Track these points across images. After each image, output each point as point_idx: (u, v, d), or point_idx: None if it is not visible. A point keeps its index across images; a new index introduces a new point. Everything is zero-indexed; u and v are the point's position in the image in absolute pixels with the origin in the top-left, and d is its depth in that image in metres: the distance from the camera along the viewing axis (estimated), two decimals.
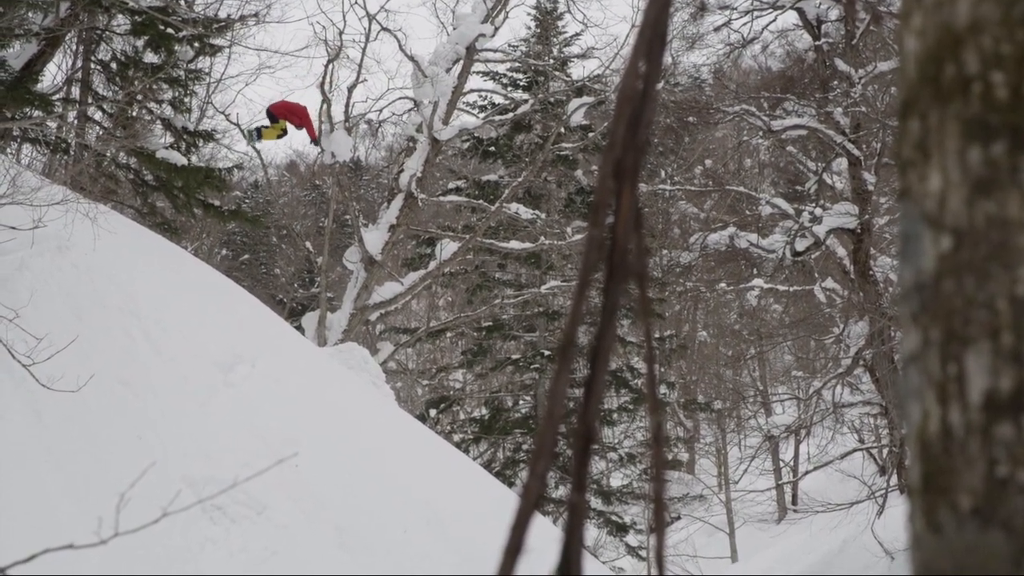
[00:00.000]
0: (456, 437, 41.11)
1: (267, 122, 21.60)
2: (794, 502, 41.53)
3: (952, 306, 1.24)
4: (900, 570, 25.77)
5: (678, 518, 47.00)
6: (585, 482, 1.45)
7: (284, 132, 20.15)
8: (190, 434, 16.70)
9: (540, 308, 41.67)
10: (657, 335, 42.47)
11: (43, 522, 13.64)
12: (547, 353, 41.23)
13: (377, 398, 22.69)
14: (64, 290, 17.39)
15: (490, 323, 42.72)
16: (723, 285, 34.18)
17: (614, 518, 41.73)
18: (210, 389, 17.74)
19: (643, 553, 43.09)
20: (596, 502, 41.13)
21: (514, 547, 1.41)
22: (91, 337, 16.89)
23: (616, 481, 45.06)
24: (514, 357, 42.80)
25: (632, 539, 42.93)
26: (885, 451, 33.55)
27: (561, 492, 39.01)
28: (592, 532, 40.51)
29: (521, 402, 42.87)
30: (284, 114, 20.27)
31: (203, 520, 15.70)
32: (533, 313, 41.89)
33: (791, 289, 32.80)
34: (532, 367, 41.81)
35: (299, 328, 31.66)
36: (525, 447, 41.03)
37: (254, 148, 20.99)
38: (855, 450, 34.61)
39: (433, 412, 41.87)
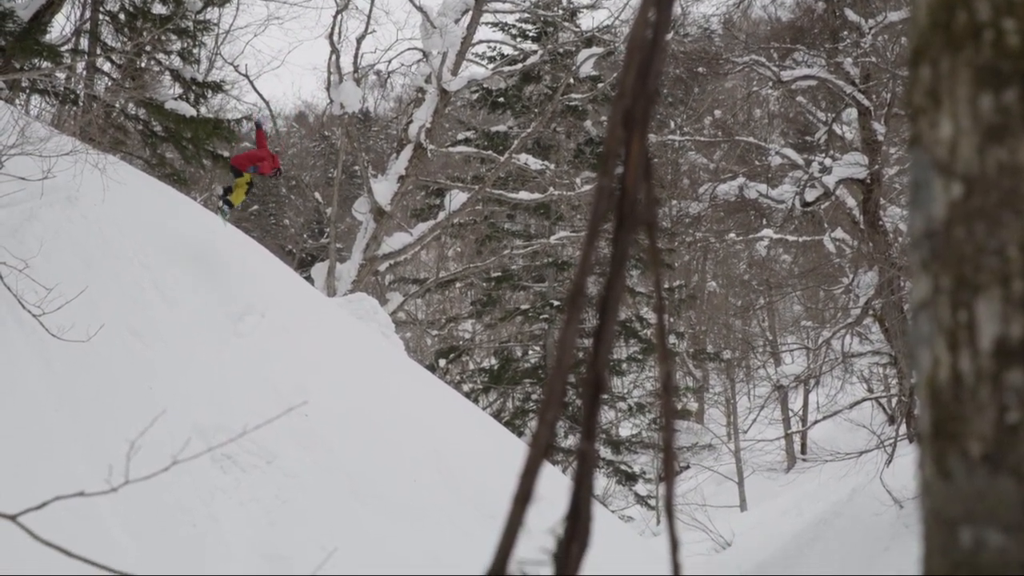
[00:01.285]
0: (466, 387, 41.19)
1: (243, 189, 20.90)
2: (803, 451, 41.67)
3: (962, 253, 1.24)
4: (908, 520, 25.82)
5: (687, 467, 47.14)
6: (595, 431, 1.45)
7: (251, 184, 19.54)
8: (200, 383, 16.74)
9: (549, 258, 41.65)
10: (666, 285, 42.43)
11: (54, 470, 13.69)
12: (556, 303, 41.24)
13: (387, 348, 22.73)
14: (74, 241, 17.40)
15: (499, 273, 42.73)
16: (732, 235, 34.12)
17: (623, 467, 41.85)
18: (220, 339, 17.78)
19: (652, 502, 43.24)
20: (605, 451, 41.23)
21: (524, 495, 1.41)
22: (101, 287, 16.91)
23: (625, 431, 45.12)
24: (523, 307, 42.80)
25: (641, 488, 43.10)
26: (894, 400, 33.60)
27: (570, 442, 39.14)
28: (601, 481, 40.63)
29: (530, 352, 42.92)
30: (246, 163, 19.58)
31: (213, 469, 15.75)
32: (542, 263, 41.87)
33: (800, 239, 32.75)
34: (541, 317, 41.82)
35: (308, 279, 31.69)
36: (534, 397, 41.11)
37: (229, 223, 20.54)
38: (864, 399, 34.64)
39: (443, 362, 41.94)
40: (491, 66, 37.04)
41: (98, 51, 27.81)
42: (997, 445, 1.19)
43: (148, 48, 27.78)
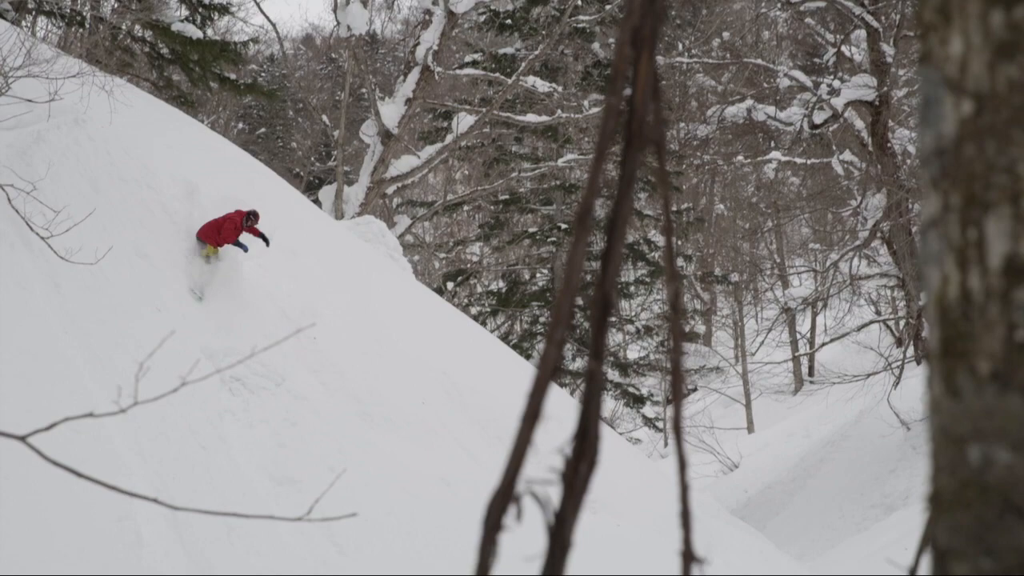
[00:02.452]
0: (473, 310, 41.26)
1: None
2: (810, 373, 41.78)
3: (972, 171, 1.23)
4: (915, 442, 25.92)
5: (695, 390, 47.31)
6: (602, 351, 1.45)
7: (209, 256, 18.21)
8: (208, 306, 16.77)
9: (557, 181, 41.58)
10: (674, 208, 42.37)
11: (63, 392, 13.74)
12: (564, 226, 41.19)
13: (395, 271, 22.74)
14: (81, 163, 17.36)
15: (507, 196, 42.66)
16: (740, 158, 34.07)
17: (631, 390, 41.98)
18: (229, 261, 17.78)
19: (660, 424, 43.43)
20: (613, 374, 41.34)
21: (532, 414, 1.41)
22: (109, 210, 16.89)
23: (633, 353, 45.24)
24: (531, 230, 42.77)
25: (649, 410, 43.24)
26: (902, 323, 33.63)
27: (578, 364, 39.22)
28: (609, 404, 40.80)
29: (538, 275, 42.95)
30: (211, 234, 17.77)
31: (223, 392, 15.81)
32: (550, 186, 41.80)
33: (808, 162, 32.68)
34: (549, 240, 41.81)
35: (316, 202, 31.66)
36: (542, 320, 41.18)
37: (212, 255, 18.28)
38: (872, 322, 34.69)
39: (450, 285, 42.00)
40: None
41: None
42: (1006, 363, 1.18)
43: None
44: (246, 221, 17.72)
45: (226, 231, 17.65)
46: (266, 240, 17.92)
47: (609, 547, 16.17)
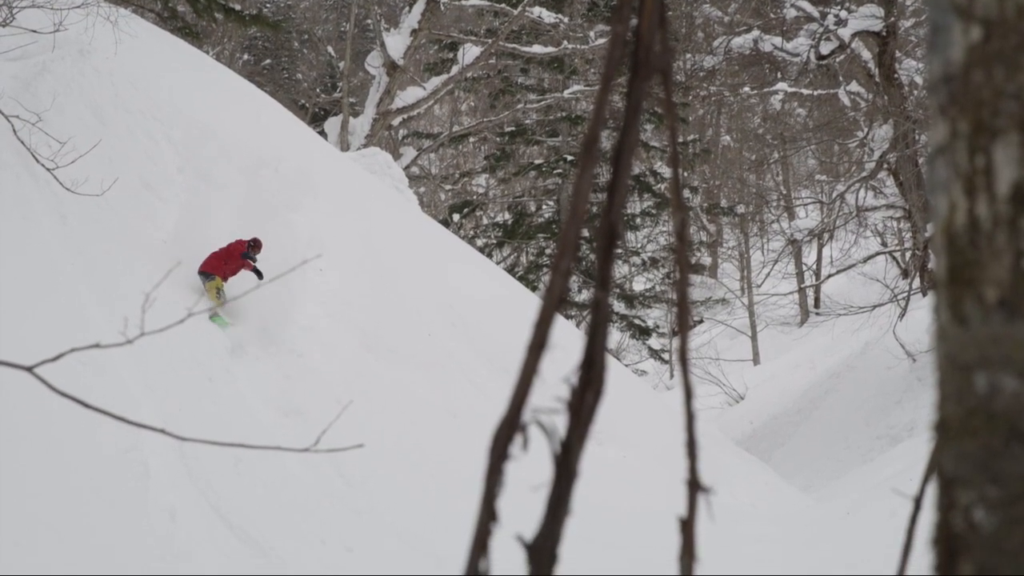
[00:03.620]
0: (479, 242, 41.29)
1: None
2: (816, 305, 41.75)
3: (981, 97, 1.22)
4: (920, 374, 25.96)
5: (701, 321, 47.33)
6: (609, 280, 1.45)
7: (219, 289, 16.75)
8: (215, 237, 16.77)
9: (563, 113, 41.46)
10: (680, 139, 42.19)
11: (70, 323, 13.77)
12: (570, 158, 41.12)
13: (400, 203, 22.72)
14: (86, 94, 17.33)
15: (513, 128, 42.58)
16: (747, 89, 33.89)
17: (637, 322, 42.06)
18: (234, 192, 17.77)
19: (666, 356, 43.51)
20: (619, 306, 41.39)
21: (538, 343, 1.41)
22: (114, 142, 16.87)
23: (639, 285, 45.27)
24: (537, 162, 42.72)
25: (655, 342, 43.34)
26: (908, 254, 33.61)
27: (584, 296, 39.27)
28: (615, 336, 40.83)
29: (544, 207, 42.93)
30: (218, 265, 16.27)
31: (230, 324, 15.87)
32: (556, 118, 41.69)
33: (815, 93, 32.50)
34: (555, 172, 41.75)
35: (322, 133, 31.61)
36: (548, 252, 41.19)
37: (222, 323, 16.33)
38: (878, 253, 34.67)
39: (456, 217, 41.98)
40: None
41: None
42: (1013, 290, 1.18)
43: None
44: (245, 254, 16.93)
45: (234, 260, 16.89)
46: (259, 274, 16.87)
47: (615, 478, 16.25)
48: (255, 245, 16.95)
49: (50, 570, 11.10)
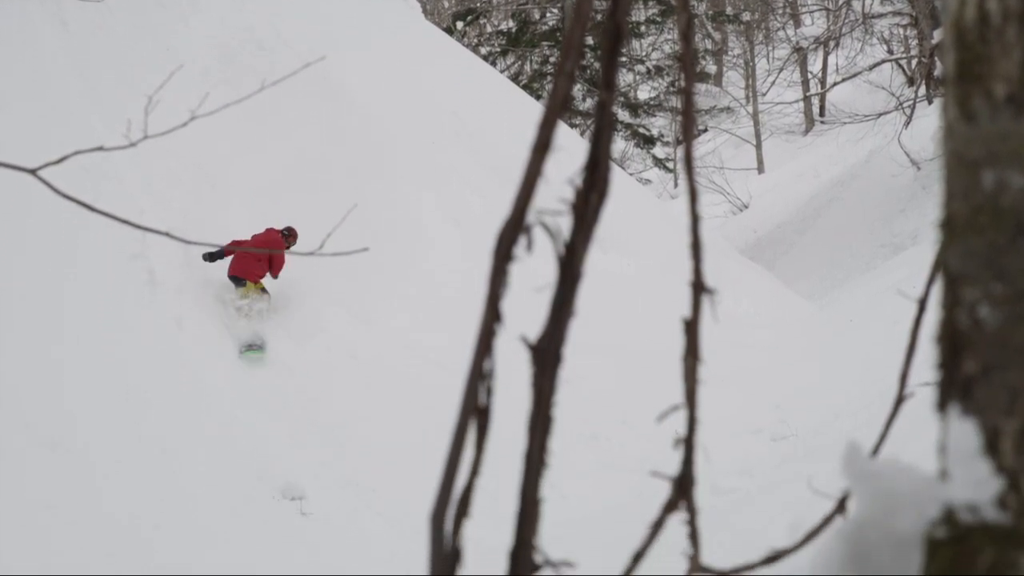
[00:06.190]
0: (483, 50, 40.89)
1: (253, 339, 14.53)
2: (821, 113, 41.55)
3: None
4: (925, 182, 25.95)
5: (705, 130, 47.16)
6: (614, 82, 1.44)
7: (263, 289, 13.79)
8: (213, 36, 16.67)
9: None
10: None
11: (73, 129, 13.75)
12: None
13: (403, 10, 22.47)
14: None
15: None
16: None
17: (641, 130, 41.83)
18: None
19: (670, 165, 43.41)
20: (623, 114, 41.13)
21: (542, 144, 1.40)
22: None
23: (643, 94, 44.98)
24: None
25: (659, 151, 43.17)
26: (914, 61, 33.33)
27: (588, 104, 39.02)
28: (619, 144, 40.70)
29: (548, 14, 42.44)
30: (252, 265, 14.31)
31: (233, 126, 15.84)
32: None
33: None
34: None
35: None
36: (552, 60, 40.83)
37: (257, 350, 14.11)
38: (884, 61, 34.36)
39: (460, 25, 41.53)
40: None
41: None
42: (1022, 86, 1.17)
43: None
44: (286, 243, 14.61)
45: (277, 258, 14.34)
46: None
47: (619, 284, 16.35)
48: (290, 234, 14.79)
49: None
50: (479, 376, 1.34)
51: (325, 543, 11.47)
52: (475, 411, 1.35)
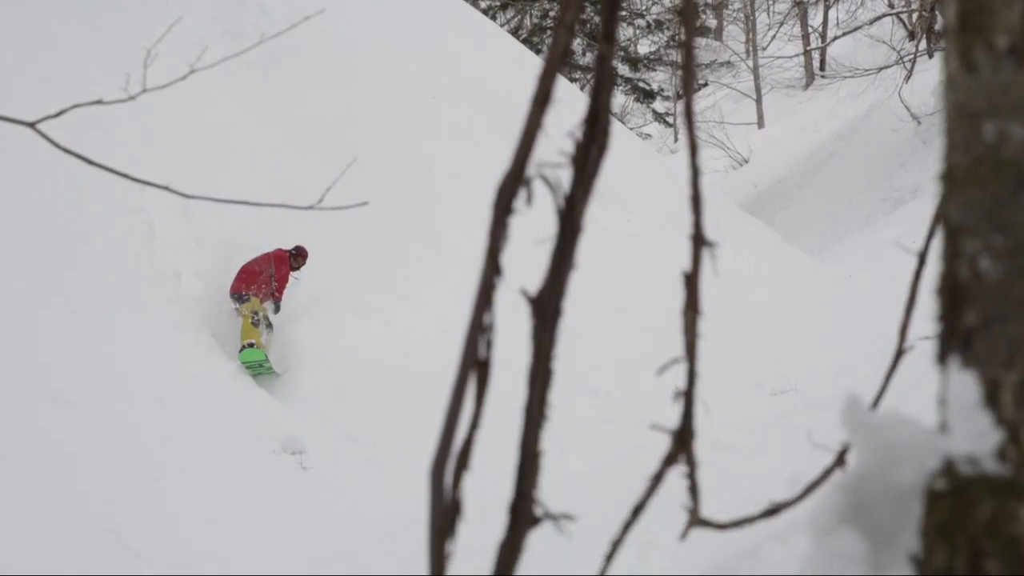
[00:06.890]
0: (483, 3, 40.74)
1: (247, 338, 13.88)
2: (822, 68, 41.39)
3: None
4: (925, 136, 25.89)
5: (705, 84, 46.99)
6: (614, 34, 1.43)
7: (256, 314, 13.14)
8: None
9: None
10: None
11: (72, 82, 13.71)
12: None
13: None
14: None
15: None
16: None
17: (641, 85, 41.70)
18: None
19: (670, 119, 43.30)
20: (623, 69, 40.97)
21: (542, 97, 1.40)
22: None
23: (643, 48, 44.81)
24: None
25: (659, 105, 43.04)
26: (915, 16, 33.20)
27: (588, 59, 38.88)
28: (619, 99, 40.60)
29: None
30: (248, 282, 13.68)
31: (229, 85, 15.80)
32: None
33: None
34: None
35: None
36: (552, 14, 40.66)
37: (262, 364, 13.53)
38: (884, 15, 34.23)
39: None
40: None
41: None
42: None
43: None
44: (293, 261, 14.20)
45: (281, 275, 13.90)
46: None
47: (619, 240, 16.35)
48: (299, 254, 14.28)
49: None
50: (479, 329, 1.34)
51: (325, 497, 11.51)
52: (475, 364, 1.35)
